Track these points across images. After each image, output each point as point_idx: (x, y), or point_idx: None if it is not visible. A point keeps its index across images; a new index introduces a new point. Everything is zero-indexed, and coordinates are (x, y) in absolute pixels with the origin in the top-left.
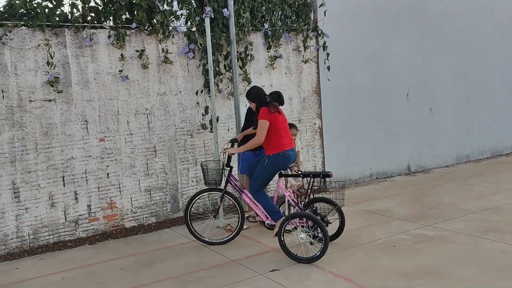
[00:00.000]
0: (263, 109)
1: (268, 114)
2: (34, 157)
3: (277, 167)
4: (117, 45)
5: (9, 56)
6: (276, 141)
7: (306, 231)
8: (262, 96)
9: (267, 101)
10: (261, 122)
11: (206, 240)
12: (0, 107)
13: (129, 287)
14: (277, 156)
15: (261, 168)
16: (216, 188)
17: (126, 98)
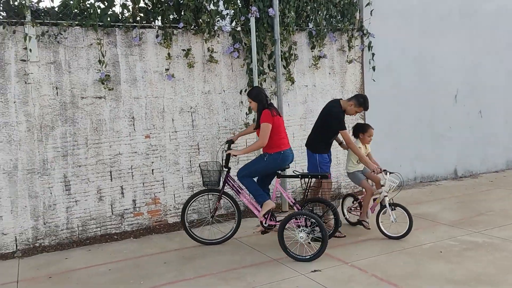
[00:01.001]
0: (266, 111)
1: (271, 117)
2: (84, 151)
3: (275, 164)
4: (164, 44)
5: (63, 55)
6: (277, 141)
7: (306, 230)
8: (263, 97)
9: (268, 103)
10: (265, 125)
11: (202, 240)
12: (54, 103)
13: (173, 281)
14: (277, 154)
15: (259, 160)
16: (214, 189)
17: (171, 96)
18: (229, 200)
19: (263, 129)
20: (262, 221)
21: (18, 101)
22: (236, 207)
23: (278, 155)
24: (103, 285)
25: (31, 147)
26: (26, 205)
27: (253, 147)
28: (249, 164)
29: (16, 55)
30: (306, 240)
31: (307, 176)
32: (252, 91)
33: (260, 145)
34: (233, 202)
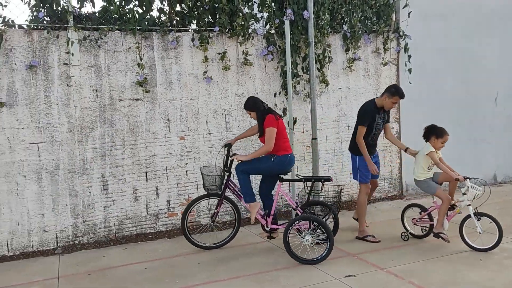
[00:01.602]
0: (270, 116)
1: (275, 121)
2: (121, 152)
3: (280, 166)
4: (201, 48)
5: (103, 58)
6: (283, 144)
7: (311, 233)
8: (260, 104)
9: (266, 108)
10: (270, 129)
11: (201, 244)
12: (94, 105)
13: (207, 282)
14: (285, 157)
15: (265, 160)
16: (215, 194)
17: (206, 99)
18: (229, 204)
19: (269, 134)
20: (264, 225)
21: (61, 103)
22: (236, 211)
23: (285, 157)
24: (140, 283)
25: (72, 148)
26: (67, 204)
27: (260, 152)
28: (253, 160)
29: (59, 59)
30: (313, 242)
31: (310, 179)
32: (248, 103)
33: (267, 150)
34: (234, 207)
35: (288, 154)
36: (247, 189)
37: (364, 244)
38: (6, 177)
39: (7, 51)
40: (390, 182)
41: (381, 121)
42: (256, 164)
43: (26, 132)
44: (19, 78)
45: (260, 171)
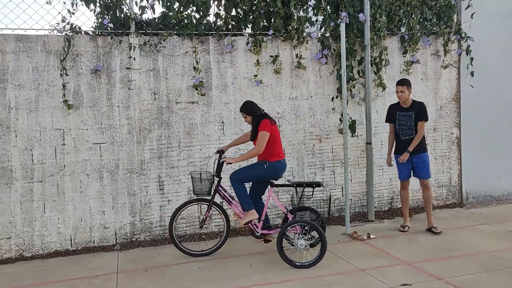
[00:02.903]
0: (265, 121)
1: (270, 125)
2: (177, 154)
3: (273, 173)
4: (254, 51)
5: (161, 62)
6: (277, 150)
7: (304, 237)
8: (257, 109)
9: (263, 113)
10: (262, 133)
11: (191, 252)
12: (152, 107)
13: (259, 283)
14: (277, 163)
15: (257, 166)
16: (204, 199)
17: (259, 102)
18: (218, 210)
19: (261, 137)
20: (254, 230)
21: (121, 106)
22: (225, 217)
23: (278, 163)
24: (194, 282)
25: (130, 148)
26: (125, 202)
27: (249, 154)
28: (246, 168)
29: (121, 63)
30: (306, 246)
31: (301, 185)
32: (245, 106)
33: (256, 153)
34: (223, 213)
35: (281, 160)
36: (244, 197)
37: (420, 253)
38: (71, 175)
39: (74, 56)
40: (448, 190)
41: (405, 118)
42: (250, 172)
43: (89, 133)
44: (84, 81)
45: (254, 178)
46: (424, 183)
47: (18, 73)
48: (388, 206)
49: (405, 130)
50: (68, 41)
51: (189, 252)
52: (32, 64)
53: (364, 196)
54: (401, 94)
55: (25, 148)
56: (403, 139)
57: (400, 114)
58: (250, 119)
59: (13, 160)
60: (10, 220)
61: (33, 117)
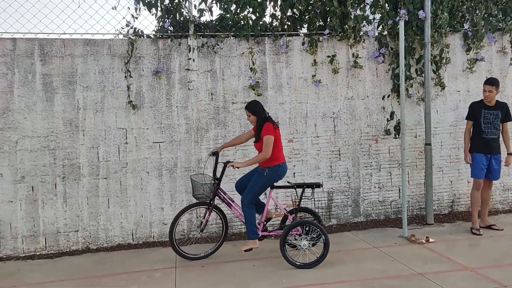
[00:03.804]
0: (268, 124)
1: (273, 129)
2: (233, 153)
3: (275, 177)
4: (309, 51)
5: (218, 63)
6: (276, 154)
7: (306, 238)
8: (263, 110)
9: (267, 116)
10: (268, 137)
11: (190, 256)
12: (209, 107)
13: (314, 283)
14: (277, 167)
15: (259, 178)
16: (204, 203)
17: (315, 102)
18: (218, 213)
19: (267, 142)
20: None
21: (180, 106)
22: (224, 221)
23: (277, 167)
24: (249, 279)
25: (188, 147)
26: (183, 199)
27: (257, 159)
28: (251, 187)
29: (180, 65)
30: (309, 247)
31: (302, 186)
32: (251, 105)
33: (264, 157)
34: (222, 216)
35: (280, 164)
36: (252, 225)
37: (483, 258)
38: (133, 172)
39: (137, 58)
40: None
41: (491, 117)
42: (255, 188)
43: (150, 132)
44: (146, 83)
45: (262, 189)
46: (490, 184)
47: (85, 75)
48: (449, 209)
49: (491, 129)
50: (131, 44)
51: (188, 256)
52: (99, 66)
53: (423, 198)
54: (489, 94)
55: (91, 146)
56: (488, 138)
57: (486, 112)
58: (253, 119)
59: (81, 157)
60: (77, 214)
61: (99, 117)
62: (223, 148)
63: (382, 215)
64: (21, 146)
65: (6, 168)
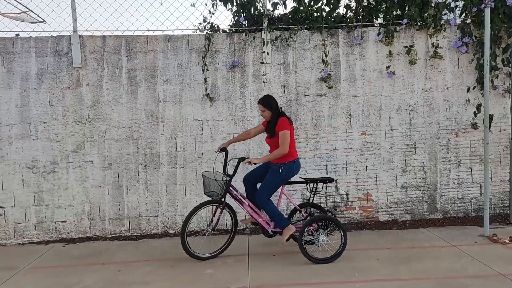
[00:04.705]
0: (284, 119)
1: (289, 124)
2: (304, 145)
3: (290, 173)
4: (385, 42)
5: (291, 56)
6: (291, 150)
7: (324, 233)
8: (277, 105)
9: (281, 111)
10: (285, 133)
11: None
12: (281, 100)
13: (387, 279)
14: (292, 163)
15: (274, 175)
16: (216, 200)
17: (389, 94)
18: (229, 211)
19: (284, 137)
20: (267, 229)
21: (253, 98)
22: (234, 218)
23: (292, 163)
24: (320, 271)
25: (261, 139)
26: None
27: (275, 154)
28: (266, 184)
29: (253, 58)
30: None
31: (315, 181)
32: (265, 99)
33: (282, 153)
34: (232, 214)
35: (295, 160)
36: (278, 215)
37: None
38: (208, 162)
39: (213, 53)
40: None
41: None
42: (271, 184)
43: (224, 124)
44: (221, 76)
45: (278, 186)
46: None
47: (166, 69)
48: None
49: None
50: (208, 39)
51: (198, 256)
52: (178, 61)
53: (506, 196)
54: None
55: (170, 137)
56: None
57: None
58: (268, 114)
59: (160, 147)
60: (157, 200)
61: (177, 109)
62: (231, 143)
63: (461, 213)
64: (109, 136)
65: (96, 156)
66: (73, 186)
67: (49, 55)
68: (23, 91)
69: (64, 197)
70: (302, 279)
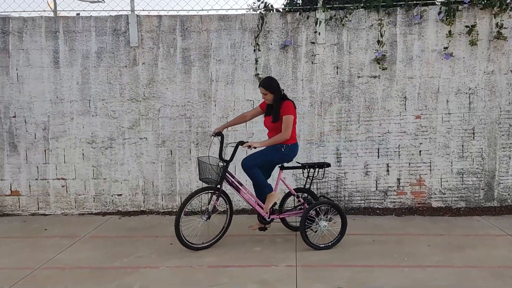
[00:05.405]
0: (289, 103)
1: (294, 109)
2: (356, 128)
3: (290, 155)
4: (446, 22)
5: (345, 36)
6: (293, 134)
7: (325, 219)
8: (280, 88)
9: (283, 94)
10: (289, 117)
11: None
12: (334, 81)
13: (438, 265)
14: (294, 145)
15: (274, 151)
16: (213, 187)
17: (448, 76)
18: (224, 198)
19: (287, 122)
20: (265, 216)
21: (305, 79)
22: (230, 206)
23: (294, 146)
24: (368, 254)
25: (311, 120)
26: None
27: (276, 140)
28: (261, 154)
29: (306, 38)
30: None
31: (313, 166)
32: (268, 82)
33: (284, 138)
34: (228, 201)
35: (295, 143)
36: (263, 181)
37: None
38: None
39: (266, 32)
40: None
41: None
42: (267, 156)
43: None
44: (273, 56)
45: (272, 163)
46: None
47: (219, 49)
48: None
49: None
50: (261, 18)
51: (192, 246)
52: (231, 41)
53: None
54: None
55: (221, 116)
56: None
57: None
58: (270, 97)
59: (212, 126)
60: None
61: (229, 88)
62: (226, 127)
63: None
64: (163, 114)
65: (150, 133)
66: (128, 162)
67: (108, 34)
68: (83, 69)
69: (120, 172)
70: (349, 261)
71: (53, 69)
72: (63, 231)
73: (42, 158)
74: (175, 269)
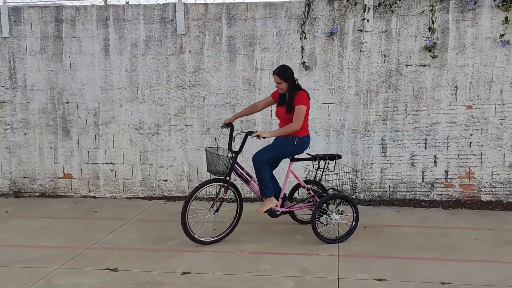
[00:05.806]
0: (303, 93)
1: (308, 99)
2: (403, 118)
3: (303, 148)
4: (502, 8)
5: (394, 23)
6: (305, 125)
7: (336, 212)
8: (294, 77)
9: (297, 83)
10: (301, 108)
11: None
12: (381, 70)
13: (485, 260)
14: (306, 137)
15: (285, 144)
16: (221, 179)
17: (503, 65)
18: (233, 190)
19: (299, 112)
20: (276, 210)
21: (351, 68)
22: (239, 199)
23: (306, 138)
24: (413, 245)
25: (357, 110)
26: (348, 161)
27: (287, 130)
28: (272, 147)
29: (354, 26)
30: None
31: (324, 158)
32: (282, 70)
33: (294, 129)
34: (238, 194)
35: (308, 135)
36: (267, 182)
37: None
38: None
39: (312, 20)
40: None
41: None
42: (278, 149)
43: (320, 93)
44: (319, 44)
45: (283, 156)
46: None
47: (264, 37)
48: None
49: None
50: (308, 6)
51: (200, 240)
52: (276, 29)
53: None
54: None
55: None
56: None
57: None
58: (284, 87)
59: (256, 114)
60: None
61: None
62: (237, 118)
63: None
64: (208, 102)
65: (195, 120)
66: (174, 148)
67: (156, 22)
68: (132, 57)
69: (166, 158)
70: (392, 252)
71: (104, 56)
72: (112, 213)
73: (93, 143)
74: (218, 254)
